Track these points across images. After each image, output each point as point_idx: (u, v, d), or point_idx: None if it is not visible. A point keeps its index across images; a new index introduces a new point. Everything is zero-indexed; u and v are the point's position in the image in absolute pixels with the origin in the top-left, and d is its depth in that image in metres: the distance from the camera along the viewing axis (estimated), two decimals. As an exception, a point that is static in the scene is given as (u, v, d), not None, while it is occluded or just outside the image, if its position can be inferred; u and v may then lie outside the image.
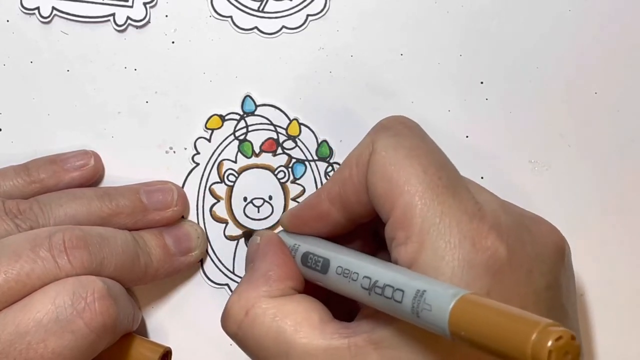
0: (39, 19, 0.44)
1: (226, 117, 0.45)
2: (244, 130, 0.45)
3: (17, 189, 0.43)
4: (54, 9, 0.44)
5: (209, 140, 0.45)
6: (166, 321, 0.45)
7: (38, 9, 0.44)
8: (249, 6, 0.45)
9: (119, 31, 0.44)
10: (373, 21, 0.45)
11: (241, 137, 0.45)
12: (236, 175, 0.45)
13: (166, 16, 0.45)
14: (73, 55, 0.44)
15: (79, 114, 0.45)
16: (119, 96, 0.45)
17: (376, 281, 0.35)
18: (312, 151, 0.45)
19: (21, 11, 0.44)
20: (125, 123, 0.45)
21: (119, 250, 0.40)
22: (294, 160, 0.45)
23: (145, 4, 0.44)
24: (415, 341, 0.34)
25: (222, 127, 0.45)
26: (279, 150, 0.45)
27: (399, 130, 0.38)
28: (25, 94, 0.45)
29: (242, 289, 0.39)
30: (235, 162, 0.45)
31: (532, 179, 0.46)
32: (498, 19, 0.45)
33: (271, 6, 0.45)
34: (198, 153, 0.45)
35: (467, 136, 0.46)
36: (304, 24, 0.45)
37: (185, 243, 0.44)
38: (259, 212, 0.45)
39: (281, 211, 0.45)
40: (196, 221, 0.45)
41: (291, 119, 0.45)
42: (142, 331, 0.45)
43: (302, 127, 0.45)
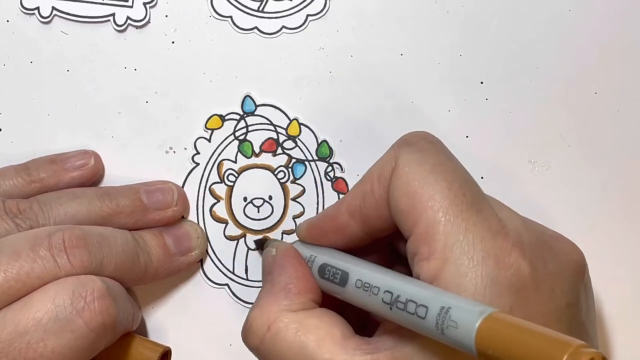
0: (39, 19, 0.44)
1: (226, 117, 0.45)
2: (244, 130, 0.45)
3: (17, 189, 0.42)
4: (54, 9, 0.44)
5: (209, 140, 0.45)
6: (166, 321, 0.45)
7: (38, 9, 0.44)
8: (249, 6, 0.45)
9: (119, 31, 0.44)
10: (373, 21, 0.45)
11: (241, 137, 0.45)
12: (236, 175, 0.45)
13: (166, 16, 0.45)
14: (73, 55, 0.44)
15: (79, 114, 0.45)
16: (119, 96, 0.45)
17: (398, 296, 0.34)
18: (312, 151, 0.45)
19: (21, 11, 0.44)
20: (125, 123, 0.45)
21: (119, 249, 0.40)
22: (294, 160, 0.45)
23: (145, 4, 0.44)
24: (438, 358, 0.34)
25: (222, 127, 0.45)
26: (279, 150, 0.45)
27: (422, 146, 0.38)
28: (25, 94, 0.45)
29: (263, 303, 0.39)
30: (235, 162, 0.45)
31: (532, 179, 0.46)
32: (498, 19, 0.45)
33: (271, 6, 0.45)
34: (198, 153, 0.45)
35: (467, 136, 0.45)
36: (304, 24, 0.45)
37: (185, 243, 0.44)
38: (259, 212, 0.45)
39: (281, 211, 0.45)
40: (196, 221, 0.45)
41: (291, 119, 0.45)
42: (142, 331, 0.45)
43: (302, 127, 0.45)
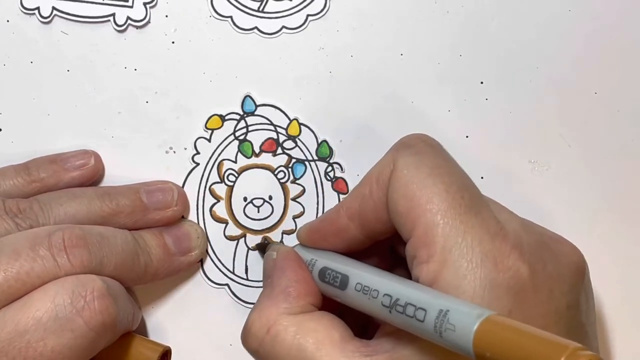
0: (39, 19, 0.44)
1: (226, 117, 0.45)
2: (244, 130, 0.45)
3: (17, 188, 0.42)
4: (54, 9, 0.44)
5: (209, 140, 0.45)
6: (166, 321, 0.45)
7: (38, 9, 0.44)
8: (249, 6, 0.45)
9: (119, 31, 0.44)
10: (373, 21, 0.45)
11: (241, 137, 0.45)
12: (236, 175, 0.45)
13: (166, 16, 0.45)
14: (73, 55, 0.44)
15: (79, 114, 0.45)
16: (119, 96, 0.45)
17: (397, 299, 0.34)
18: (312, 151, 0.45)
19: (21, 11, 0.44)
20: (125, 123, 0.45)
21: (119, 249, 0.40)
22: (294, 160, 0.45)
23: (145, 4, 0.44)
24: None
25: (222, 127, 0.45)
26: (279, 150, 0.45)
27: (420, 149, 0.38)
28: (25, 94, 0.44)
29: (263, 306, 0.39)
30: (235, 162, 0.45)
31: (532, 179, 0.46)
32: (498, 19, 0.45)
33: (271, 6, 0.45)
34: (198, 153, 0.45)
35: (467, 136, 0.45)
36: (304, 24, 0.45)
37: (185, 243, 0.44)
38: (259, 212, 0.45)
39: (281, 211, 0.45)
40: (196, 221, 0.45)
41: (291, 119, 0.45)
42: (142, 331, 0.45)
43: (302, 127, 0.45)
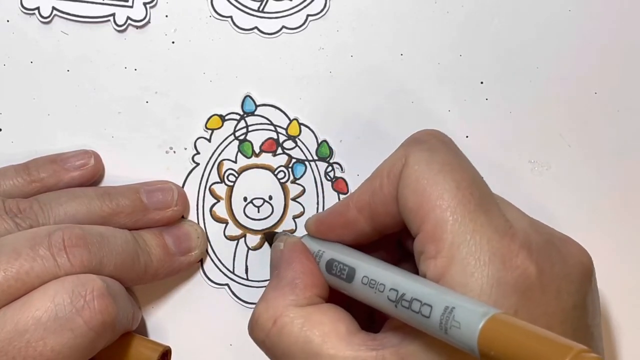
0: (39, 19, 0.44)
1: (226, 117, 0.45)
2: (244, 130, 0.45)
3: (17, 188, 0.42)
4: (54, 9, 0.44)
5: (209, 140, 0.45)
6: (166, 321, 0.45)
7: (38, 9, 0.44)
8: (249, 6, 0.45)
9: (119, 31, 0.44)
10: (373, 21, 0.45)
11: (241, 137, 0.45)
12: (236, 175, 0.45)
13: (166, 16, 0.45)
14: (73, 55, 0.44)
15: (79, 114, 0.45)
16: (119, 96, 0.45)
17: (403, 294, 0.34)
18: (312, 151, 0.45)
19: (21, 11, 0.44)
20: (125, 123, 0.45)
21: (119, 249, 0.40)
22: (294, 160, 0.45)
23: (145, 4, 0.44)
24: (442, 357, 0.34)
25: (222, 127, 0.45)
26: (279, 150, 0.45)
27: (432, 145, 0.38)
28: (25, 94, 0.45)
29: (270, 297, 0.39)
30: (235, 162, 0.45)
31: (532, 179, 0.46)
32: (498, 18, 0.45)
33: (271, 6, 0.45)
34: (198, 153, 0.45)
35: (467, 136, 0.45)
36: (304, 24, 0.45)
37: (185, 243, 0.44)
38: (259, 212, 0.45)
39: (281, 211, 0.45)
40: (196, 221, 0.45)
41: (291, 119, 0.45)
42: (142, 331, 0.45)
43: (302, 127, 0.45)
